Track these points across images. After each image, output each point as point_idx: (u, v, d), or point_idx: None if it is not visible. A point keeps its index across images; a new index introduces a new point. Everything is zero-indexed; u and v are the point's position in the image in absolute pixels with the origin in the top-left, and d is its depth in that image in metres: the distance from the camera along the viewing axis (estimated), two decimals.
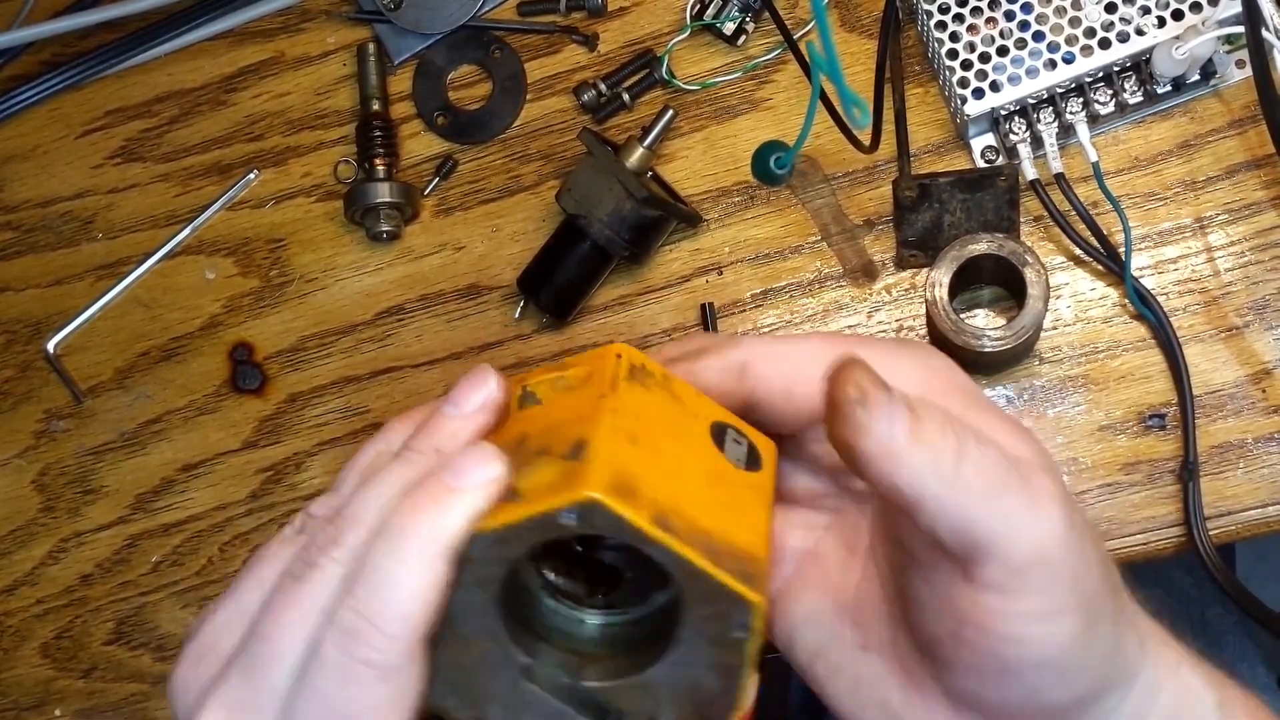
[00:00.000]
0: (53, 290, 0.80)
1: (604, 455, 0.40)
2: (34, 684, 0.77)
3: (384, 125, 0.77)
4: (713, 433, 0.44)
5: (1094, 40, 0.69)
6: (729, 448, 0.44)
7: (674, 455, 0.42)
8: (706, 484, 0.43)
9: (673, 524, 0.40)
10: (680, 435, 0.43)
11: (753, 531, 0.42)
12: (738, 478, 0.44)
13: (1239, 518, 0.69)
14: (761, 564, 0.41)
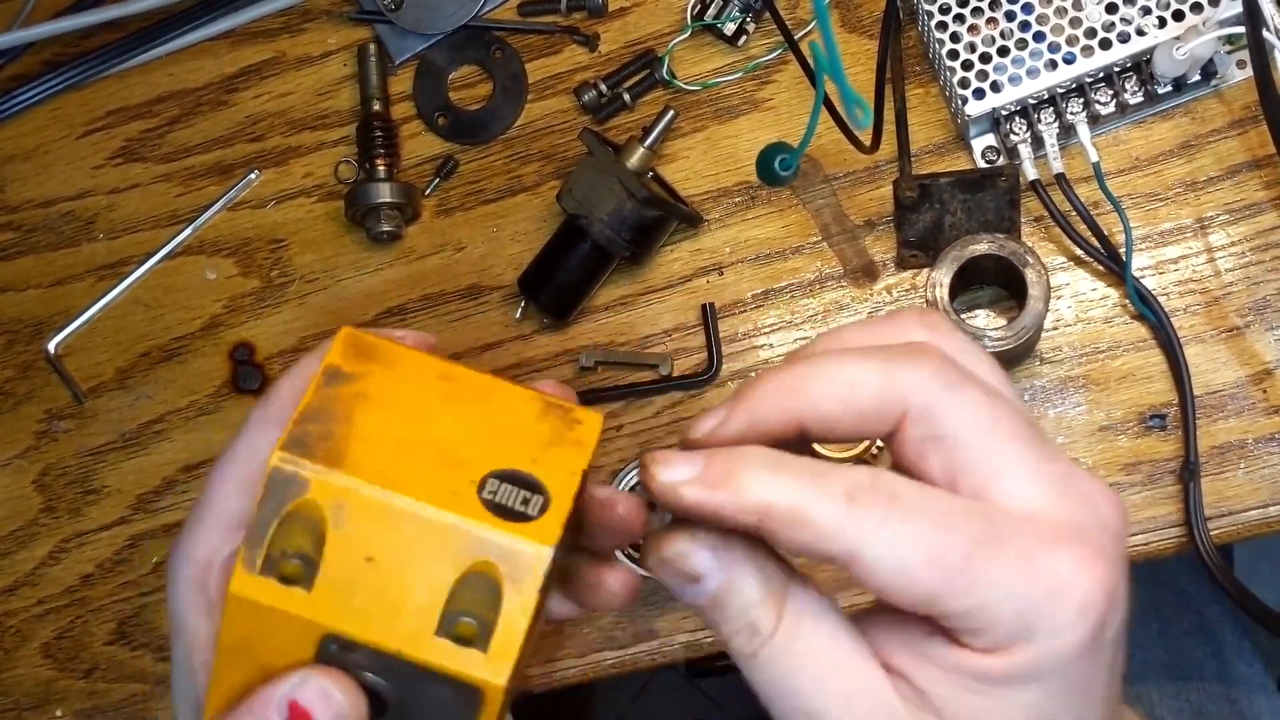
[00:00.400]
0: (54, 290, 0.80)
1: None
2: (35, 684, 0.77)
3: (385, 125, 0.77)
4: (490, 477, 0.43)
5: (1095, 40, 0.70)
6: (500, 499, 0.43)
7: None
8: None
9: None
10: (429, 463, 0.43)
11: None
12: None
13: (1239, 518, 0.69)
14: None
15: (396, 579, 0.41)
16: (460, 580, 0.41)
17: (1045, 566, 0.39)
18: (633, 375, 0.74)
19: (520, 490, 0.42)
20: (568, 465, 0.42)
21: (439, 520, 0.41)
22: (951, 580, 0.39)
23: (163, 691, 0.76)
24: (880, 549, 0.39)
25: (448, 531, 0.41)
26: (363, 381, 0.44)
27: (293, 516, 0.42)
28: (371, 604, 0.41)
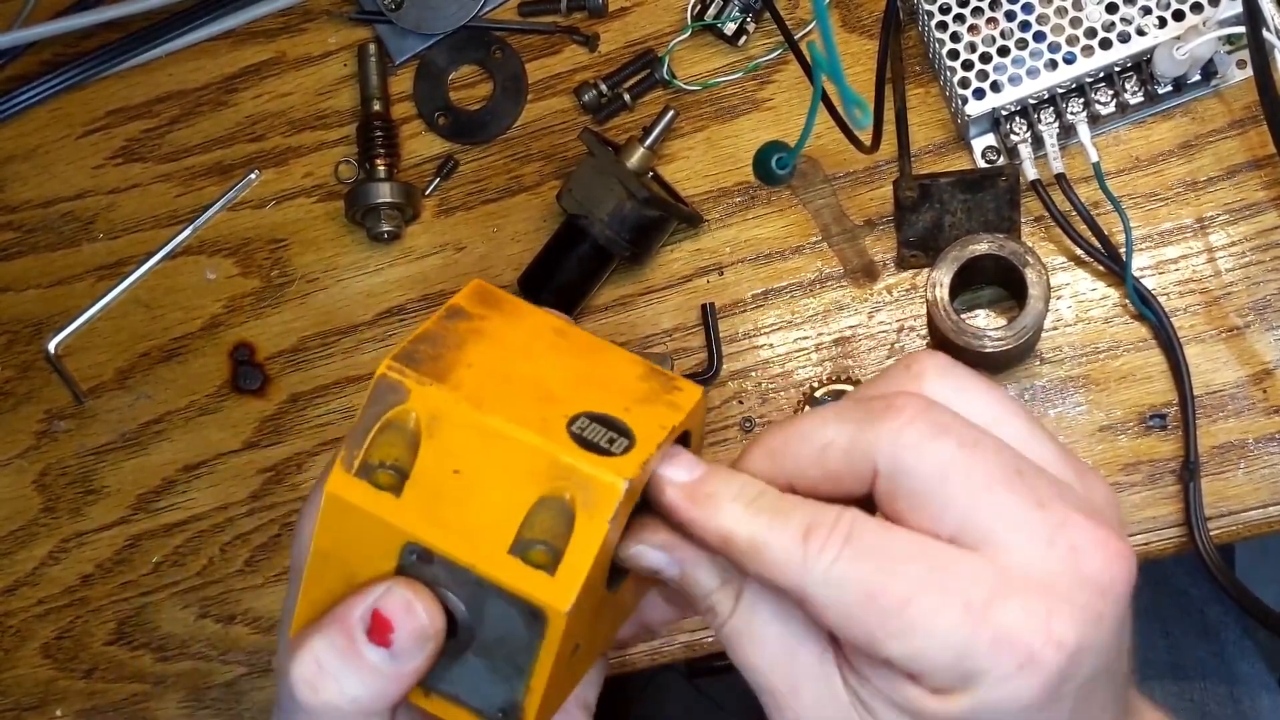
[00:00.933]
0: (54, 290, 0.80)
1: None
2: (35, 684, 0.77)
3: (385, 125, 0.77)
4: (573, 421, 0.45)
5: (1095, 40, 0.69)
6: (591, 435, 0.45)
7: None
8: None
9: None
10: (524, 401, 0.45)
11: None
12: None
13: (1240, 518, 0.69)
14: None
15: (479, 494, 0.43)
16: (538, 504, 0.42)
17: (994, 617, 0.39)
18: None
19: (608, 431, 0.43)
20: (658, 419, 0.44)
21: (525, 441, 0.43)
22: (887, 623, 0.39)
23: (162, 691, 0.76)
24: (827, 589, 0.40)
25: (532, 454, 0.42)
26: (480, 321, 0.46)
27: (391, 424, 0.43)
28: (452, 516, 0.43)
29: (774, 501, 0.42)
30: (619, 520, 0.43)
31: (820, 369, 0.73)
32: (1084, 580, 0.40)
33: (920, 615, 0.39)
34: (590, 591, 0.43)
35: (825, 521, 0.41)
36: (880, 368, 0.72)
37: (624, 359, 0.47)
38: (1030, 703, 0.39)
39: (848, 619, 0.40)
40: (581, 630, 0.44)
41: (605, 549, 0.43)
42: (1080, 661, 0.39)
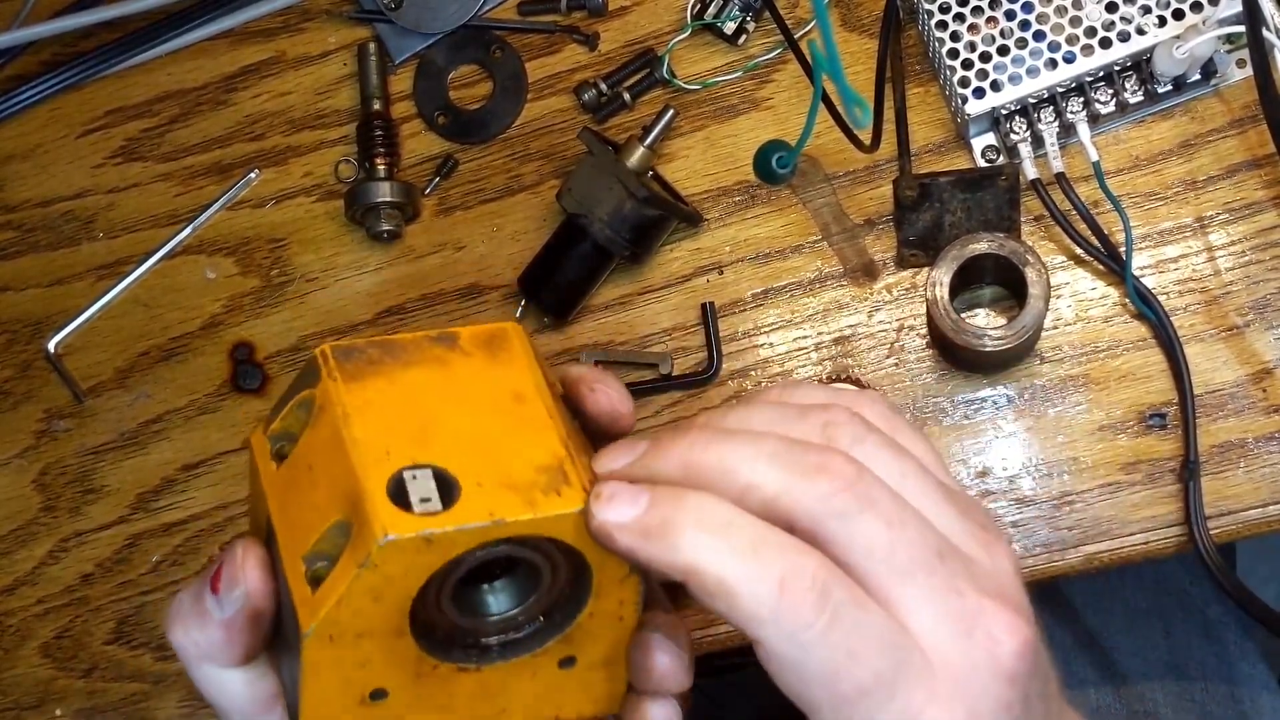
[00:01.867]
0: (53, 290, 0.80)
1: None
2: (34, 683, 0.77)
3: (385, 125, 0.77)
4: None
5: (1095, 40, 0.69)
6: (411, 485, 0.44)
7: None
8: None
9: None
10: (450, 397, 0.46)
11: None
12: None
13: (1240, 517, 0.69)
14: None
15: (310, 495, 0.44)
16: (335, 525, 0.43)
17: (902, 687, 0.40)
18: (633, 374, 0.74)
19: (437, 490, 0.43)
20: (497, 506, 0.43)
21: (351, 462, 0.43)
22: (840, 710, 0.40)
23: (162, 690, 0.76)
24: (791, 650, 0.40)
25: (349, 476, 0.43)
26: (458, 356, 0.47)
27: (302, 403, 0.45)
28: (291, 506, 0.45)
29: (747, 535, 0.41)
30: (386, 571, 0.42)
31: (820, 368, 0.73)
32: (998, 671, 0.41)
33: (869, 713, 0.40)
34: (371, 633, 0.43)
35: (804, 574, 0.40)
36: (880, 367, 0.72)
37: (550, 444, 0.45)
38: None
39: (801, 685, 0.40)
40: (366, 674, 0.44)
41: (370, 594, 0.42)
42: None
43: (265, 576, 0.45)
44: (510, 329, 0.48)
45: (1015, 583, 0.44)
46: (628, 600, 0.46)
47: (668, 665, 0.46)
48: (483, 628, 0.46)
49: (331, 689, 0.44)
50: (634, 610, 0.46)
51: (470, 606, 0.46)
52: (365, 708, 0.45)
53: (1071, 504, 0.70)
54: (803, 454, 0.42)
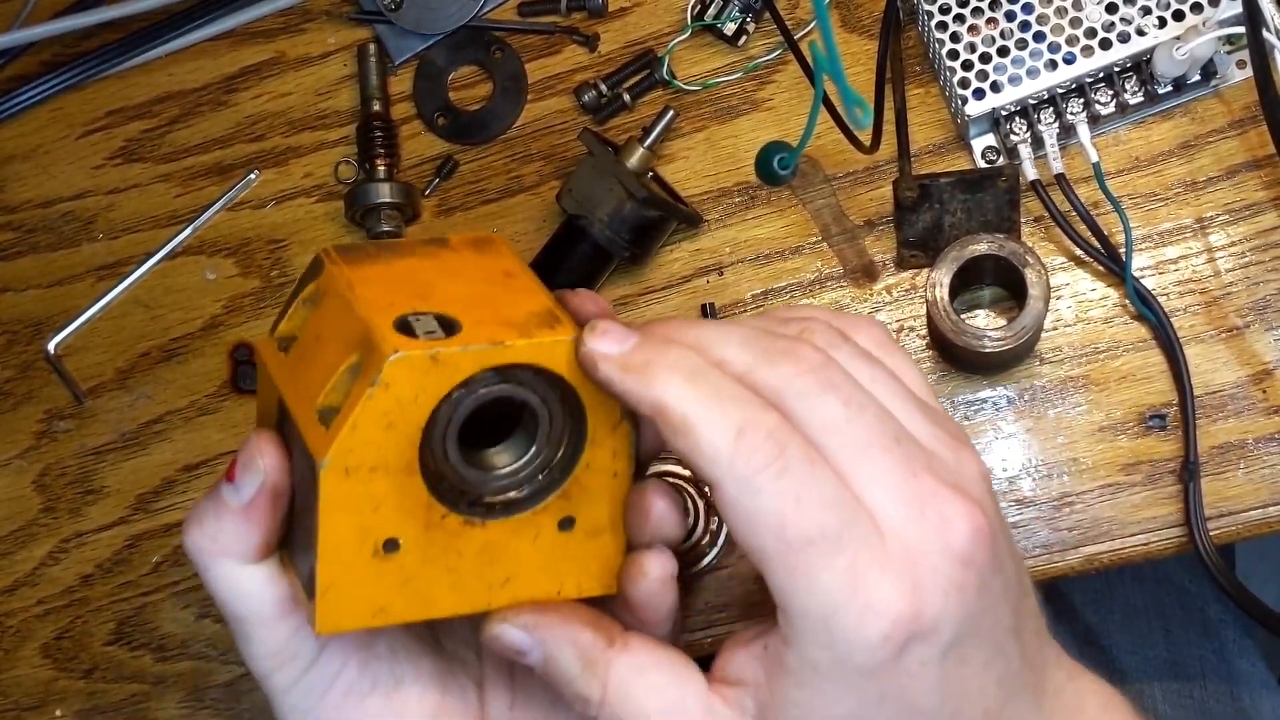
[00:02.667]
0: (53, 290, 0.80)
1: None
2: (34, 684, 0.77)
3: (385, 126, 0.77)
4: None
5: (1095, 40, 0.69)
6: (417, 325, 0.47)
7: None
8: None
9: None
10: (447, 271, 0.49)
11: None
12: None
13: (1240, 518, 0.69)
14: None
15: (321, 358, 0.47)
16: (346, 369, 0.45)
17: (868, 587, 0.41)
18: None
19: (439, 326, 0.46)
20: (497, 334, 0.46)
21: (357, 313, 0.46)
22: (785, 557, 0.41)
23: (163, 691, 0.76)
24: (741, 494, 0.42)
25: (356, 324, 0.46)
26: (448, 252, 0.51)
27: (305, 300, 0.49)
28: (301, 376, 0.48)
29: (714, 383, 0.43)
30: (397, 393, 0.45)
31: None
32: (948, 550, 0.43)
33: (812, 565, 0.41)
34: (384, 467, 0.45)
35: (761, 426, 0.42)
36: None
37: (541, 300, 0.48)
38: (880, 667, 0.42)
39: (750, 530, 0.42)
40: (380, 519, 0.46)
41: (383, 419, 0.45)
42: (939, 630, 0.42)
43: (280, 453, 0.47)
44: (496, 238, 0.52)
45: (980, 485, 0.45)
46: (620, 452, 0.48)
47: (664, 509, 0.48)
48: (486, 484, 0.48)
49: (348, 534, 0.45)
50: (627, 464, 0.48)
51: (474, 463, 0.48)
52: (379, 560, 0.46)
53: (1071, 505, 0.70)
54: (772, 341, 0.44)
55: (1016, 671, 0.46)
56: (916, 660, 0.42)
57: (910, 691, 0.43)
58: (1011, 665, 0.45)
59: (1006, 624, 0.45)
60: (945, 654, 0.43)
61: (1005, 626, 0.45)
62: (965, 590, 0.43)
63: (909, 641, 0.42)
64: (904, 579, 0.42)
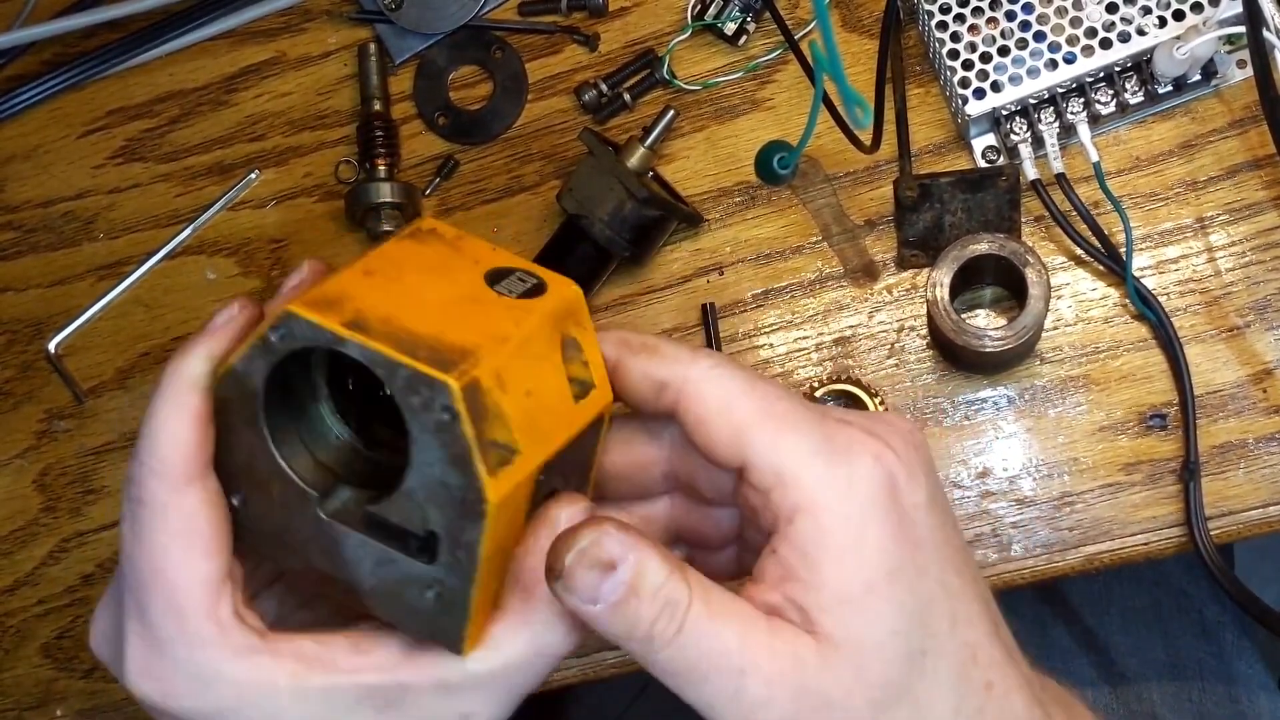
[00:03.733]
0: (54, 290, 0.80)
1: (325, 286, 0.44)
2: (35, 684, 0.77)
3: (385, 125, 0.77)
4: (488, 274, 0.47)
5: (1095, 40, 0.69)
6: (504, 284, 0.47)
7: (416, 285, 0.46)
8: (447, 303, 0.45)
9: (370, 326, 0.43)
10: (438, 272, 0.47)
11: (482, 334, 0.44)
12: (494, 302, 0.46)
13: (1240, 518, 0.69)
14: (471, 356, 0.43)
15: (539, 395, 0.46)
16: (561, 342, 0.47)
17: (848, 437, 0.44)
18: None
19: (523, 282, 0.47)
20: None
21: (536, 332, 0.46)
22: (764, 424, 0.44)
23: None
24: (702, 382, 0.45)
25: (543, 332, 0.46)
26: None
27: (479, 413, 0.44)
28: (541, 422, 0.46)
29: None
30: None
31: (820, 369, 0.73)
32: (894, 424, 0.46)
33: (796, 425, 0.44)
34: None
35: (709, 353, 0.46)
36: (880, 368, 0.72)
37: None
38: (884, 502, 0.43)
39: (727, 410, 0.45)
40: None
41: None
42: (916, 477, 0.44)
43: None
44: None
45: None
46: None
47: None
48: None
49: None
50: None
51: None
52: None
53: (1072, 504, 0.70)
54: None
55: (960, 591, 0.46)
56: (910, 501, 0.44)
57: (919, 531, 0.44)
58: (961, 547, 0.46)
59: (956, 545, 0.46)
60: (930, 503, 0.45)
61: (955, 547, 0.46)
62: (919, 450, 0.45)
63: (901, 480, 0.44)
64: (871, 436, 0.44)
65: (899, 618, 0.43)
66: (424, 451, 0.43)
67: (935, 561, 0.44)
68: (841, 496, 0.43)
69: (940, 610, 0.44)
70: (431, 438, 0.43)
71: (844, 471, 0.43)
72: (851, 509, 0.43)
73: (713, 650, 0.43)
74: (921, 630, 0.43)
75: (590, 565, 0.43)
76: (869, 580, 0.43)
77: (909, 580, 0.43)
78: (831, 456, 0.43)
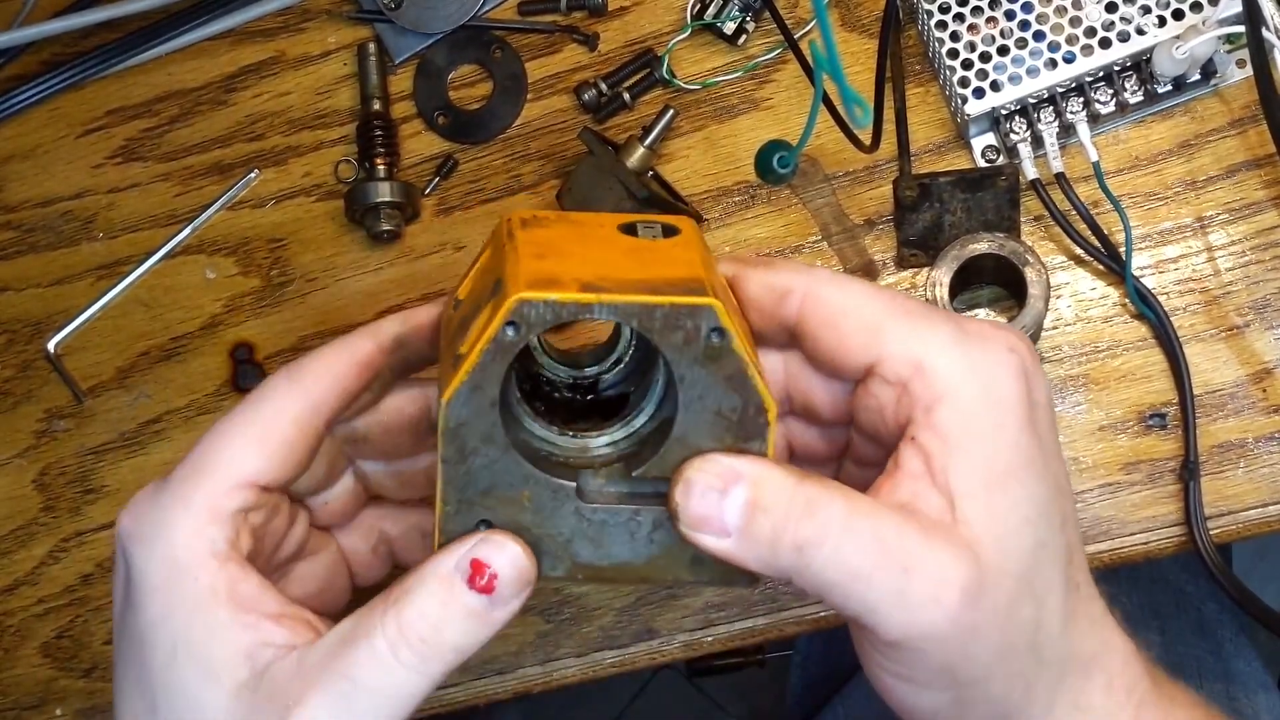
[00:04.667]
0: (53, 290, 0.80)
1: (517, 272, 0.43)
2: (35, 683, 0.77)
3: (385, 125, 0.77)
4: (622, 227, 0.47)
5: (1094, 40, 0.70)
6: (641, 232, 0.47)
7: (584, 250, 0.45)
8: (624, 256, 0.45)
9: (602, 286, 0.43)
10: (587, 238, 0.47)
11: (683, 266, 0.44)
12: (655, 246, 0.46)
13: (1240, 517, 0.69)
14: (700, 280, 0.43)
15: (735, 308, 0.47)
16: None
17: (979, 329, 0.45)
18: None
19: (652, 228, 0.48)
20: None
21: (706, 256, 0.47)
22: (899, 317, 0.45)
23: None
24: (835, 287, 0.46)
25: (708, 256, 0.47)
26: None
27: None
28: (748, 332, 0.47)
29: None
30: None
31: None
32: (1011, 330, 0.46)
33: (930, 318, 0.45)
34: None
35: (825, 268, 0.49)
36: None
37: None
38: (1018, 392, 0.44)
39: (850, 313, 0.45)
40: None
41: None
42: (1036, 370, 0.45)
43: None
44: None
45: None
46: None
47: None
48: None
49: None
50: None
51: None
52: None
53: None
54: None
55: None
56: (1039, 395, 0.45)
57: (1042, 428, 0.44)
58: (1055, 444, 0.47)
59: (1059, 447, 0.47)
60: (1048, 404, 0.46)
61: (1059, 448, 0.47)
62: (1032, 354, 0.46)
63: (1031, 373, 0.45)
64: (1002, 329, 0.45)
65: (1031, 506, 0.43)
66: (693, 388, 0.43)
67: (1055, 457, 0.45)
68: (984, 383, 0.43)
69: (1055, 507, 0.44)
70: (700, 369, 0.43)
71: (984, 359, 0.44)
72: (994, 396, 0.43)
73: (871, 548, 0.41)
74: (1044, 522, 0.44)
75: (703, 491, 0.42)
76: (1009, 465, 0.43)
77: (1039, 471, 0.44)
78: (969, 346, 0.44)
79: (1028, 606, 0.43)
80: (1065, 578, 0.45)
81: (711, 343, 0.43)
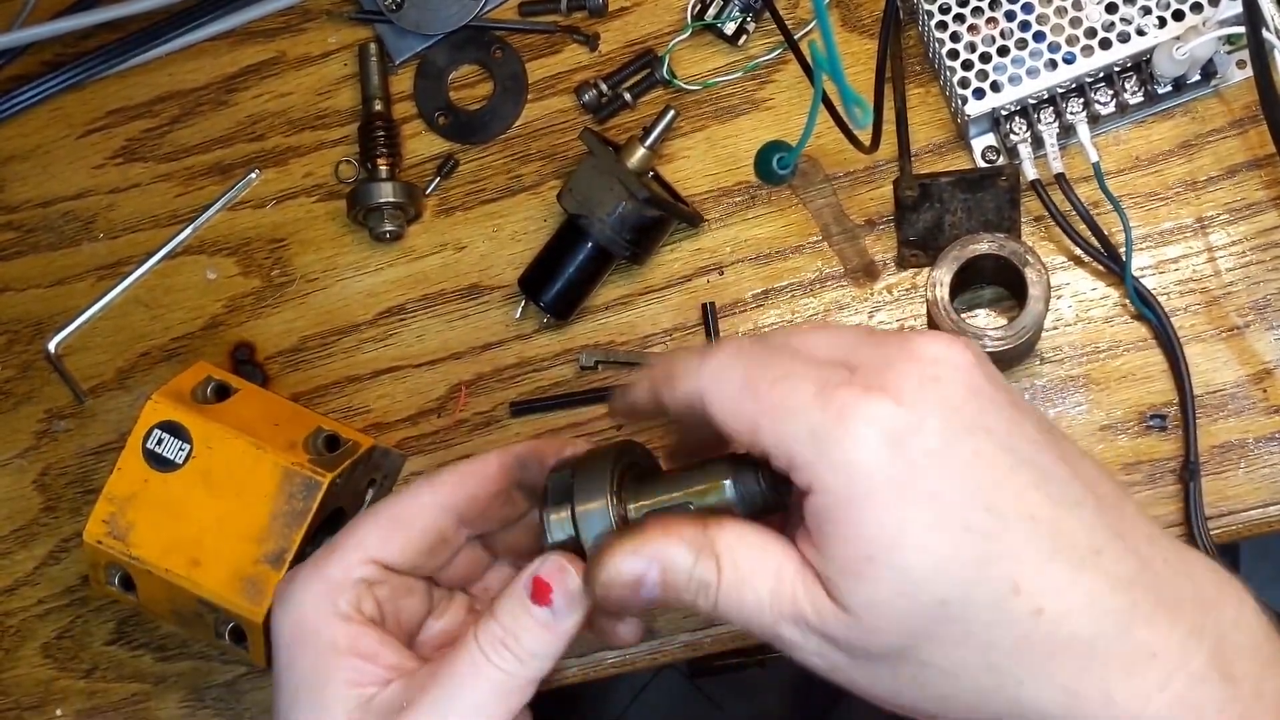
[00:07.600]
0: (54, 290, 0.80)
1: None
2: (35, 684, 0.77)
3: (386, 125, 0.77)
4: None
5: (1095, 40, 0.70)
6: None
7: None
8: None
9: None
10: None
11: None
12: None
13: (1240, 517, 0.69)
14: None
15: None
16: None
17: (840, 402, 0.44)
18: (633, 375, 0.74)
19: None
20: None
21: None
22: (765, 419, 0.45)
23: (163, 691, 0.76)
24: (714, 394, 0.47)
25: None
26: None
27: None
28: None
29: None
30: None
31: None
32: (914, 355, 0.45)
33: (783, 395, 0.45)
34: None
35: (711, 352, 0.48)
36: None
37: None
38: (888, 467, 0.44)
39: (732, 420, 0.46)
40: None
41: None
42: (925, 420, 0.44)
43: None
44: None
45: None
46: None
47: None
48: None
49: None
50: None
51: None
52: None
53: None
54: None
55: (1064, 488, 0.45)
56: (919, 451, 0.44)
57: (930, 482, 0.44)
58: (1053, 482, 0.45)
59: (1031, 436, 0.46)
60: (948, 444, 0.44)
61: (1030, 439, 0.46)
62: (941, 383, 0.45)
63: (903, 433, 0.44)
64: (869, 393, 0.44)
65: (903, 582, 0.44)
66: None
67: (958, 505, 0.44)
68: (839, 476, 0.44)
69: (966, 554, 0.44)
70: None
71: (839, 449, 0.44)
72: (851, 488, 0.44)
73: (745, 612, 0.47)
74: (936, 582, 0.44)
75: (622, 588, 0.48)
76: (868, 554, 0.44)
77: (916, 540, 0.44)
78: (828, 435, 0.44)
79: (909, 669, 0.46)
80: (1001, 614, 0.44)
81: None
